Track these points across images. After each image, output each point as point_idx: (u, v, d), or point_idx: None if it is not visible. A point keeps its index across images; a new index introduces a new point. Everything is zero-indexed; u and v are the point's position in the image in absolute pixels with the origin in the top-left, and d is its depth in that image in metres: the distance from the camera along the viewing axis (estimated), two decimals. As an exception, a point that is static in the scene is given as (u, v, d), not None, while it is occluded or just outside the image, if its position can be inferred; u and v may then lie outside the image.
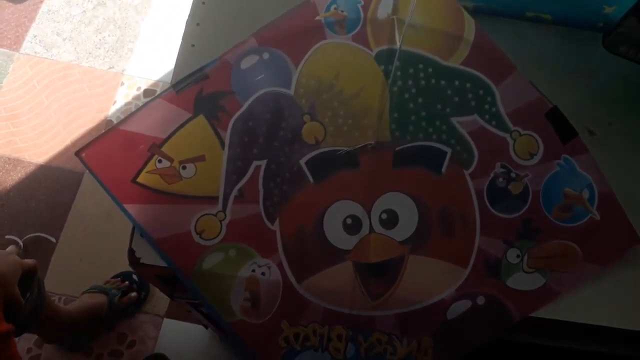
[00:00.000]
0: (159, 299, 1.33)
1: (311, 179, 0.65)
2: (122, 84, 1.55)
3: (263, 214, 0.65)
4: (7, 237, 1.38)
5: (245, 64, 0.67)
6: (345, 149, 0.66)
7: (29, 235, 1.37)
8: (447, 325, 0.63)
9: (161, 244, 0.63)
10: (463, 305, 0.63)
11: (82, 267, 1.35)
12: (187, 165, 0.65)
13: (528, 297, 0.64)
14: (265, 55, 0.67)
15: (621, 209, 0.66)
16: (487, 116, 0.66)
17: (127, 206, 0.64)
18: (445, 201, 0.65)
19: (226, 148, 0.65)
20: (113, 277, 1.32)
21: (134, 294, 1.29)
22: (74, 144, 1.49)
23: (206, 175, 0.65)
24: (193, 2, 0.75)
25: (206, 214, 0.64)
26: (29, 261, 0.94)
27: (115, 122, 1.49)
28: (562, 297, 0.63)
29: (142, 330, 1.30)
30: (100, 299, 1.23)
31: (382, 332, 0.63)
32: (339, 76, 0.67)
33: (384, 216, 0.65)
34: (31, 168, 1.45)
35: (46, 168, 1.45)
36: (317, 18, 0.67)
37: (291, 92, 0.66)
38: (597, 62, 0.75)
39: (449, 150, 0.66)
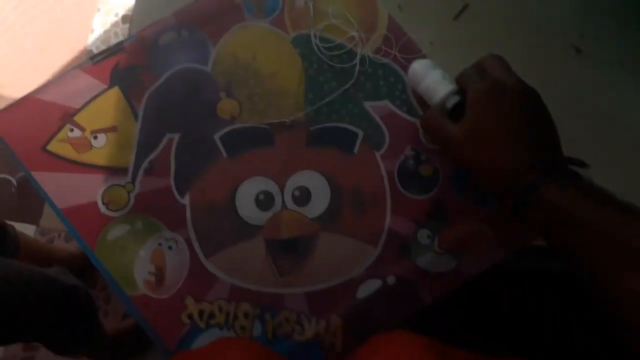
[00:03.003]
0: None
1: (225, 154, 0.65)
2: (99, 10, 1.48)
3: (173, 188, 0.64)
4: (-1, 175, 1.37)
5: (163, 40, 0.68)
6: (261, 125, 0.66)
7: (21, 174, 1.38)
8: (356, 304, 0.62)
9: (67, 213, 0.61)
10: (373, 285, 0.63)
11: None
12: (98, 135, 0.64)
13: (439, 279, 0.64)
14: (184, 33, 0.68)
15: None
16: (397, 102, 0.69)
17: (34, 174, 0.62)
18: (357, 181, 0.66)
19: (139, 120, 0.65)
20: None
21: None
22: (54, 77, 1.42)
23: (117, 145, 0.64)
24: None
25: (114, 185, 0.63)
26: None
27: (95, 51, 1.42)
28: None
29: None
30: None
31: (290, 311, 0.61)
32: (256, 56, 0.68)
33: (297, 193, 0.65)
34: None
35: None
36: (236, 1, 0.70)
37: (208, 68, 0.67)
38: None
39: (360, 132, 0.67)
